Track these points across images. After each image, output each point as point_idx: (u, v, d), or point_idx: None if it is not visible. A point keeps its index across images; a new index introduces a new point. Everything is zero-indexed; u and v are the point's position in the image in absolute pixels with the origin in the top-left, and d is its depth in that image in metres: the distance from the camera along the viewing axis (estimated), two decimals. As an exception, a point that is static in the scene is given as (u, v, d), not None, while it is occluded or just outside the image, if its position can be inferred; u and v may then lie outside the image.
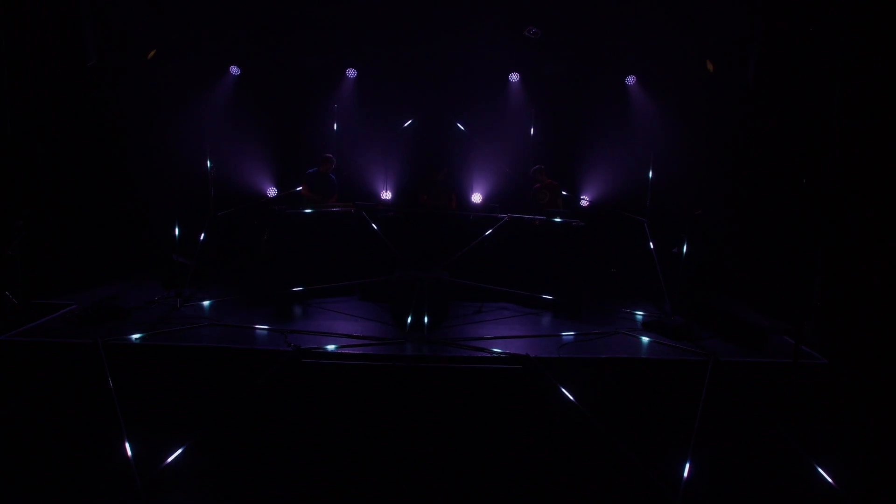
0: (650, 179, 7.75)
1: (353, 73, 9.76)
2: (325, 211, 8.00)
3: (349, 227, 7.87)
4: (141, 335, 5.71)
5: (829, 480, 4.76)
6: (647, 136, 8.87)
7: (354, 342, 5.84)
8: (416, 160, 9.48)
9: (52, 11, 7.39)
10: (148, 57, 8.81)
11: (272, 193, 9.61)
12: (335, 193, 8.55)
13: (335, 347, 5.63)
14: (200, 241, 7.77)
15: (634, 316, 7.02)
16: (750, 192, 8.02)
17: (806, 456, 4.92)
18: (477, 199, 9.52)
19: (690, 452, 4.82)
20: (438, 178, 8.57)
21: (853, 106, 5.75)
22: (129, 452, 4.79)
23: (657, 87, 9.23)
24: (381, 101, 9.60)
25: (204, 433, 4.92)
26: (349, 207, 7.98)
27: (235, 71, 9.64)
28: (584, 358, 5.60)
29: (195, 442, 4.88)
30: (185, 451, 4.84)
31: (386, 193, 9.45)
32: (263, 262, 7.87)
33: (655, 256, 7.49)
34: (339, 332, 6.09)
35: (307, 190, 8.42)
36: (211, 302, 7.03)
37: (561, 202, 8.39)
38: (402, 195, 9.36)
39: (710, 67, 8.64)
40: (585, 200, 9.34)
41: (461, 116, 9.61)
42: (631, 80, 9.55)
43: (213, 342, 5.76)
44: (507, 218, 7.72)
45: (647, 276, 7.78)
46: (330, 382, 5.29)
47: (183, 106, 9.10)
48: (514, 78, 9.75)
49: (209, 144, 7.73)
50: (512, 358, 5.47)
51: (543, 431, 5.19)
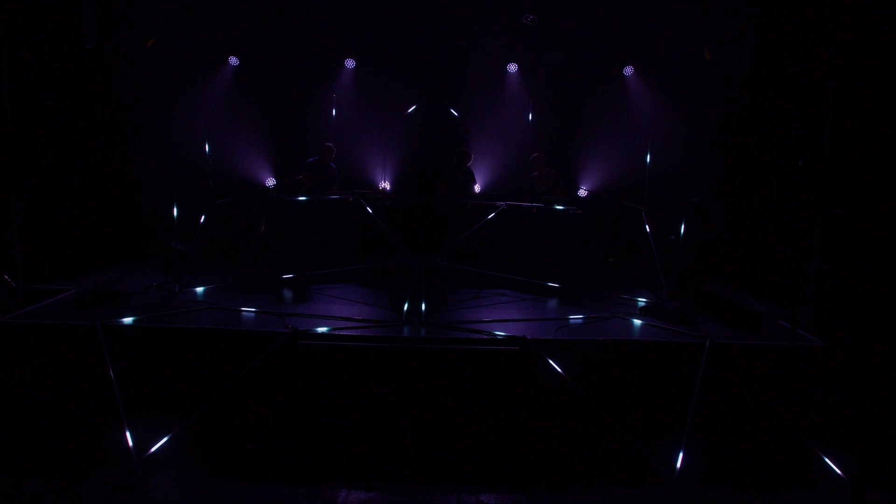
0: (648, 168, 7.77)
1: (351, 63, 9.80)
2: (323, 199, 8.02)
3: (347, 215, 7.89)
4: (139, 318, 5.73)
5: (834, 468, 4.80)
6: (644, 125, 8.90)
7: (352, 325, 5.85)
8: (423, 148, 9.48)
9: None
10: (146, 46, 8.84)
11: (271, 183, 9.63)
12: (336, 183, 8.57)
13: (329, 329, 5.64)
14: (199, 228, 7.78)
15: (632, 301, 7.04)
16: (746, 178, 8.05)
17: (806, 440, 4.95)
18: (475, 189, 9.54)
19: (687, 432, 4.85)
20: (463, 168, 8.47)
21: (849, 90, 5.77)
22: (126, 432, 4.83)
23: (654, 76, 9.27)
24: (379, 91, 9.63)
25: (201, 413, 4.94)
26: (348, 196, 8.00)
27: (234, 61, 9.66)
28: (581, 340, 5.61)
29: (192, 422, 4.90)
30: (181, 430, 4.86)
31: (384, 183, 9.48)
32: (261, 250, 7.90)
33: (653, 244, 7.51)
34: (336, 315, 6.11)
35: (307, 179, 8.44)
36: (204, 288, 7.03)
37: (559, 191, 8.42)
38: (407, 183, 9.36)
39: (707, 57, 8.67)
40: (584, 190, 9.36)
41: (459, 106, 9.63)
42: (629, 70, 9.59)
43: (210, 324, 5.77)
44: (504, 206, 7.75)
45: (644, 263, 7.81)
46: (327, 364, 5.31)
47: (182, 95, 9.12)
48: (512, 68, 9.78)
49: (208, 131, 7.73)
50: (509, 340, 5.49)
51: (541, 412, 5.21)
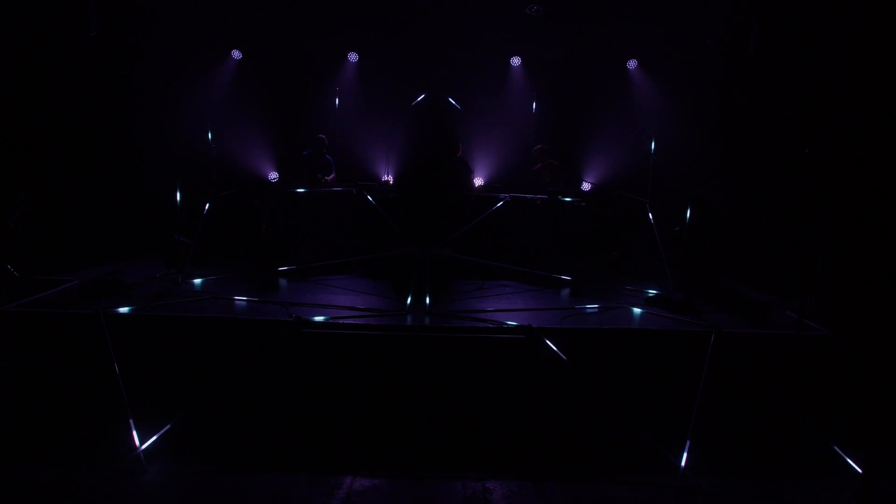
0: (652, 160, 7.73)
1: (354, 57, 9.78)
2: (326, 190, 8.00)
3: (350, 207, 7.87)
4: (142, 306, 5.71)
5: (843, 456, 4.76)
6: (648, 117, 8.87)
7: (356, 314, 5.83)
8: (425, 140, 9.47)
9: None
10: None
11: (273, 177, 9.62)
12: (331, 173, 8.56)
13: (334, 318, 5.61)
14: (202, 221, 7.75)
15: (637, 292, 7.00)
16: (751, 169, 8.01)
17: (815, 428, 4.91)
18: (478, 182, 9.52)
19: (693, 421, 4.81)
20: (455, 157, 8.42)
21: (856, 75, 5.73)
22: (129, 419, 4.80)
23: (658, 68, 9.23)
24: (382, 84, 9.62)
25: (203, 401, 4.92)
26: (351, 188, 7.98)
27: (237, 55, 9.65)
28: (587, 329, 5.59)
29: (195, 410, 4.88)
30: (184, 418, 4.84)
31: (387, 176, 9.46)
32: (263, 244, 7.88)
33: (657, 235, 7.47)
34: (340, 305, 6.08)
35: (303, 172, 8.44)
36: (202, 280, 6.99)
37: (563, 183, 8.38)
38: (407, 176, 9.33)
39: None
40: (587, 183, 9.33)
41: (463, 99, 9.61)
42: (632, 63, 9.56)
43: (214, 313, 5.75)
44: (508, 198, 7.72)
45: (649, 255, 7.77)
46: (331, 353, 5.28)
47: (185, 88, 9.11)
48: (515, 62, 9.75)
49: (211, 123, 7.71)
50: (515, 328, 5.46)
51: (546, 400, 5.17)
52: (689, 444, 4.72)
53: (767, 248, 7.59)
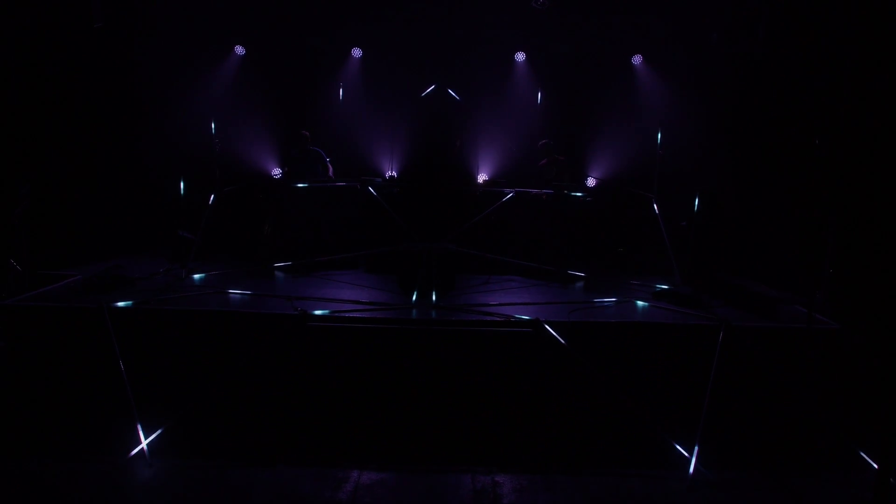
0: (658, 154, 7.67)
1: (358, 52, 9.74)
2: (329, 185, 7.96)
3: (354, 202, 7.82)
4: (146, 300, 5.66)
5: (857, 450, 4.71)
6: (653, 112, 8.82)
7: (361, 307, 5.78)
8: (429, 136, 9.41)
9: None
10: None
11: (277, 173, 9.56)
12: (325, 166, 8.50)
13: (339, 312, 5.56)
14: (205, 217, 7.70)
15: (644, 287, 6.95)
16: (759, 163, 7.94)
17: (828, 421, 4.86)
18: (482, 178, 9.47)
19: (704, 414, 4.76)
20: (454, 150, 8.39)
21: (867, 66, 5.67)
22: (134, 413, 4.76)
23: (664, 63, 9.19)
24: (386, 80, 9.58)
25: (209, 395, 4.87)
26: (355, 183, 7.94)
27: (240, 50, 9.61)
28: (595, 322, 5.53)
29: (200, 403, 4.84)
30: (189, 412, 4.79)
31: (391, 171, 9.42)
32: (266, 240, 7.84)
33: (664, 230, 7.42)
34: (345, 299, 6.04)
35: (294, 171, 8.39)
36: (203, 275, 6.94)
37: (568, 178, 8.33)
38: (411, 171, 9.28)
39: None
40: (592, 179, 9.28)
41: (467, 95, 9.55)
42: (637, 59, 9.51)
43: (218, 307, 5.71)
44: (513, 192, 7.66)
45: (655, 251, 7.72)
46: (337, 346, 5.23)
47: (188, 83, 9.06)
48: (519, 57, 9.71)
49: (214, 117, 7.66)
50: (522, 322, 5.40)
51: (554, 394, 5.12)
52: (699, 437, 4.67)
53: (775, 242, 7.52)
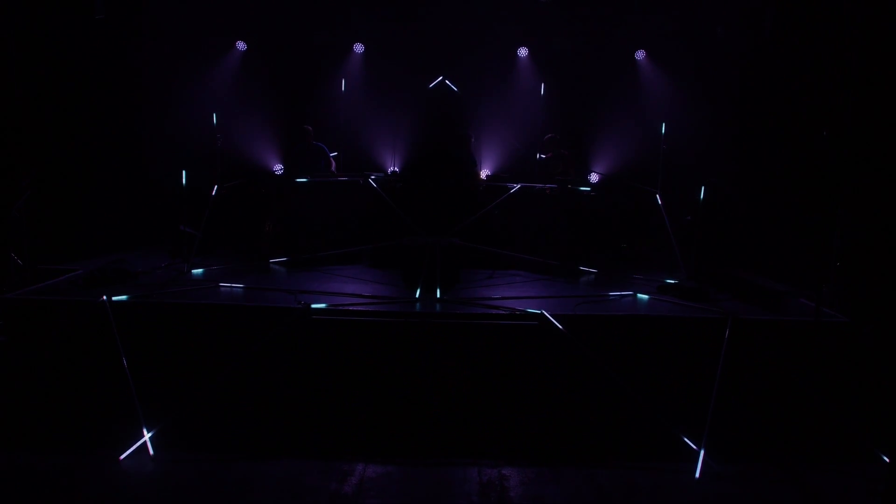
0: (662, 149, 7.63)
1: (360, 48, 9.70)
2: (332, 180, 7.92)
3: (357, 197, 7.78)
4: (149, 294, 5.62)
5: (867, 443, 4.67)
6: (657, 107, 8.79)
7: (365, 301, 5.73)
8: (432, 130, 9.39)
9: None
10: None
11: (278, 169, 9.52)
12: (327, 161, 8.45)
13: (328, 305, 5.49)
14: (207, 212, 7.65)
15: (649, 281, 6.90)
16: (764, 156, 7.90)
17: (837, 414, 4.81)
18: (485, 174, 9.43)
19: (712, 407, 4.72)
20: (467, 147, 8.36)
21: (874, 55, 5.63)
22: (136, 406, 4.71)
23: (667, 58, 9.15)
24: (388, 75, 9.54)
25: (212, 387, 4.83)
26: (358, 178, 7.89)
27: (242, 46, 9.57)
28: (600, 315, 5.49)
29: (203, 396, 4.79)
30: (193, 405, 4.75)
31: (394, 167, 9.38)
32: (268, 235, 7.79)
33: (668, 225, 7.37)
34: (349, 293, 5.99)
35: (296, 167, 8.34)
36: (203, 270, 6.88)
37: (573, 172, 8.29)
38: (417, 165, 9.24)
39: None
40: (595, 174, 9.24)
41: (470, 90, 9.53)
42: (640, 54, 9.48)
43: (222, 300, 5.67)
44: (517, 187, 7.62)
45: (660, 246, 7.68)
46: (341, 340, 5.19)
47: (190, 78, 9.02)
48: (522, 52, 9.68)
49: (216, 112, 7.61)
50: (528, 315, 5.36)
51: (561, 387, 5.08)
52: (707, 429, 4.63)
53: (780, 236, 7.49)
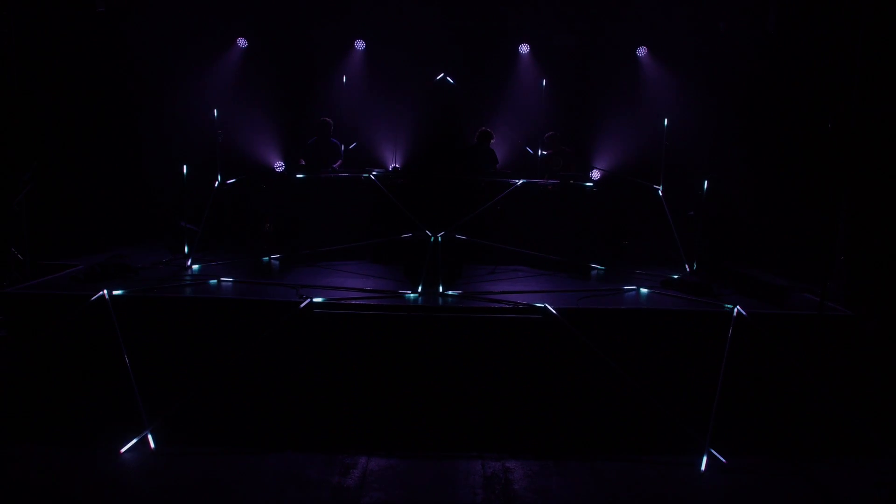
0: (664, 145, 7.60)
1: (361, 44, 9.68)
2: (334, 177, 7.89)
3: (359, 194, 7.75)
4: (150, 287, 5.59)
5: (874, 437, 4.64)
6: (659, 103, 8.77)
7: (367, 295, 5.71)
8: (435, 126, 9.37)
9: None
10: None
11: (279, 167, 9.49)
12: (339, 158, 8.42)
13: (326, 299, 5.45)
14: (207, 208, 7.62)
15: (653, 276, 6.88)
16: (767, 151, 7.87)
17: (843, 407, 4.79)
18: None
19: (717, 399, 4.69)
20: (485, 147, 8.34)
21: (880, 51, 5.60)
22: (137, 400, 4.69)
23: (669, 54, 9.13)
24: (389, 72, 9.52)
25: (213, 381, 4.81)
26: (360, 174, 7.86)
27: (243, 43, 9.54)
28: (604, 309, 5.47)
29: (204, 389, 4.77)
30: (194, 398, 4.72)
31: (395, 164, 9.36)
32: (267, 236, 7.77)
33: (671, 220, 7.34)
34: (351, 287, 5.96)
35: (309, 161, 8.30)
36: (199, 266, 6.84)
37: (574, 169, 8.27)
38: (422, 159, 9.22)
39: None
40: (597, 171, 9.21)
41: (471, 87, 9.51)
42: (642, 51, 9.46)
43: (223, 294, 5.64)
44: (519, 183, 7.59)
45: (661, 242, 7.64)
46: (343, 333, 5.17)
47: (191, 75, 9.00)
48: (524, 49, 9.66)
49: (217, 107, 7.58)
50: (531, 308, 5.34)
51: (564, 380, 5.06)
52: (712, 423, 4.60)
53: (783, 232, 7.47)
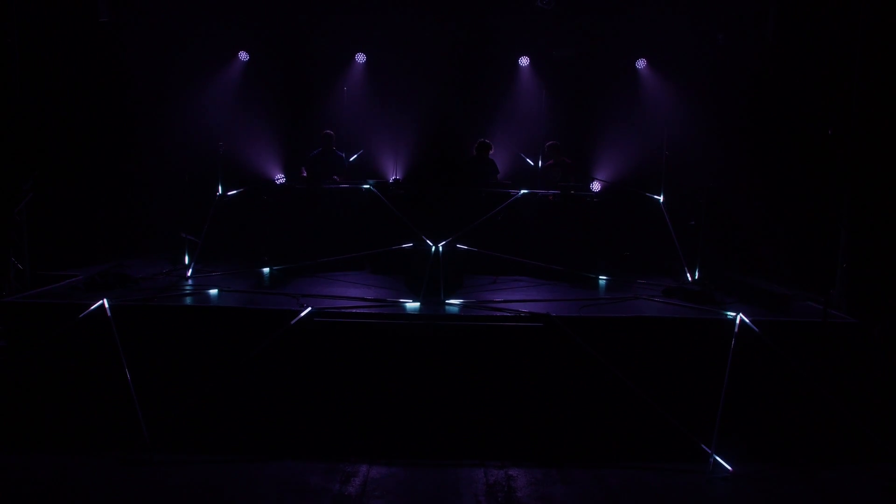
0: (664, 156, 7.61)
1: (362, 58, 9.74)
2: (334, 188, 7.90)
3: (359, 205, 7.75)
4: (151, 296, 5.57)
5: (880, 442, 4.60)
6: (659, 113, 8.80)
7: (368, 303, 5.68)
8: (437, 138, 9.42)
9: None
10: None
11: (280, 179, 9.49)
12: (344, 171, 8.43)
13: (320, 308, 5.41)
14: (208, 220, 7.61)
15: (655, 285, 6.85)
16: (767, 162, 7.89)
17: (849, 414, 4.75)
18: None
19: (721, 407, 4.65)
20: (485, 158, 8.37)
21: (879, 58, 5.63)
22: (136, 408, 4.64)
23: (668, 64, 9.19)
24: (390, 85, 9.57)
25: (213, 389, 4.77)
26: (361, 185, 7.87)
27: (244, 56, 9.60)
28: (607, 317, 5.44)
29: (204, 397, 4.73)
30: (193, 406, 4.68)
31: (396, 175, 9.38)
32: (269, 243, 7.75)
33: (672, 229, 7.33)
34: (352, 296, 5.94)
35: (312, 174, 8.31)
36: (209, 276, 6.81)
37: (574, 180, 8.28)
38: (423, 171, 9.25)
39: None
40: (597, 183, 9.22)
41: (472, 99, 9.56)
42: (641, 63, 9.52)
43: (222, 303, 5.62)
44: (520, 193, 7.59)
45: (663, 252, 7.63)
46: (344, 342, 5.13)
47: (193, 87, 9.05)
48: (524, 62, 9.72)
49: (218, 122, 7.62)
50: (533, 316, 5.31)
51: (567, 388, 5.02)
52: (717, 430, 4.56)
53: (784, 242, 7.46)
